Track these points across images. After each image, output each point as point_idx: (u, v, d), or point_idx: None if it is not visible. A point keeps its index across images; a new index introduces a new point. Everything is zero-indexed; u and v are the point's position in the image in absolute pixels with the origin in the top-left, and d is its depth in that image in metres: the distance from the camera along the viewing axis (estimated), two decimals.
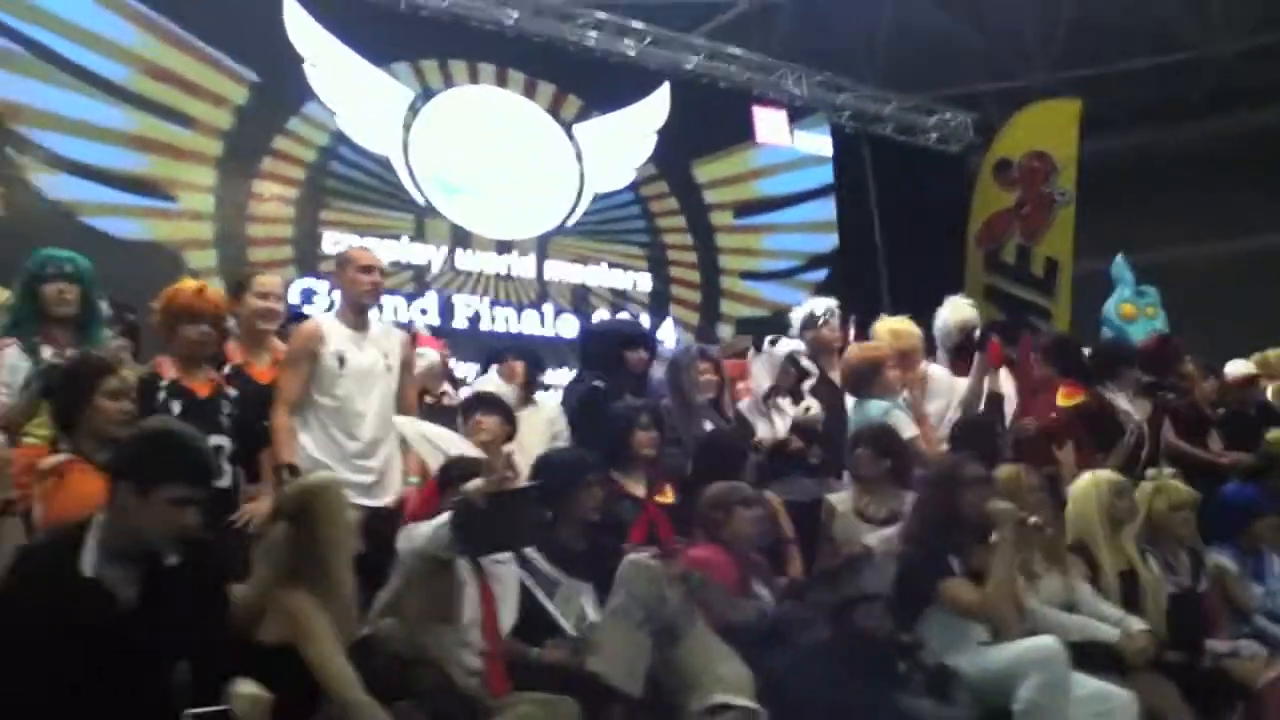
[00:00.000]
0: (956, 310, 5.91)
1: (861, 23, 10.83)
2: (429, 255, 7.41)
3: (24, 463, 3.03)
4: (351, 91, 7.33)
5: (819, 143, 9.64)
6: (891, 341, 5.30)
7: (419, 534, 3.19)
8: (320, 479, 3.17)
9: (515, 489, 3.06)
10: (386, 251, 7.21)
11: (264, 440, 3.77)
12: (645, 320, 8.02)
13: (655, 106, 8.65)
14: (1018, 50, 11.79)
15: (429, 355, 4.54)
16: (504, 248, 7.72)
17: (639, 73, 8.72)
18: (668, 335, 8.06)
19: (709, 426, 4.80)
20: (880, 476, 4.44)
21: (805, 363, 5.26)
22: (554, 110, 8.19)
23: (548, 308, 7.77)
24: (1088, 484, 4.40)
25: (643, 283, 8.33)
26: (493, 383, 4.18)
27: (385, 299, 7.00)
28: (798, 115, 9.53)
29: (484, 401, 4.02)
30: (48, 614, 2.41)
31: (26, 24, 6.27)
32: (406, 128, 7.51)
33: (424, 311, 7.14)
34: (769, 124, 9.32)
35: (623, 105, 8.49)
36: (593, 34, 8.52)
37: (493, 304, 7.54)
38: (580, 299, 7.93)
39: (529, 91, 8.12)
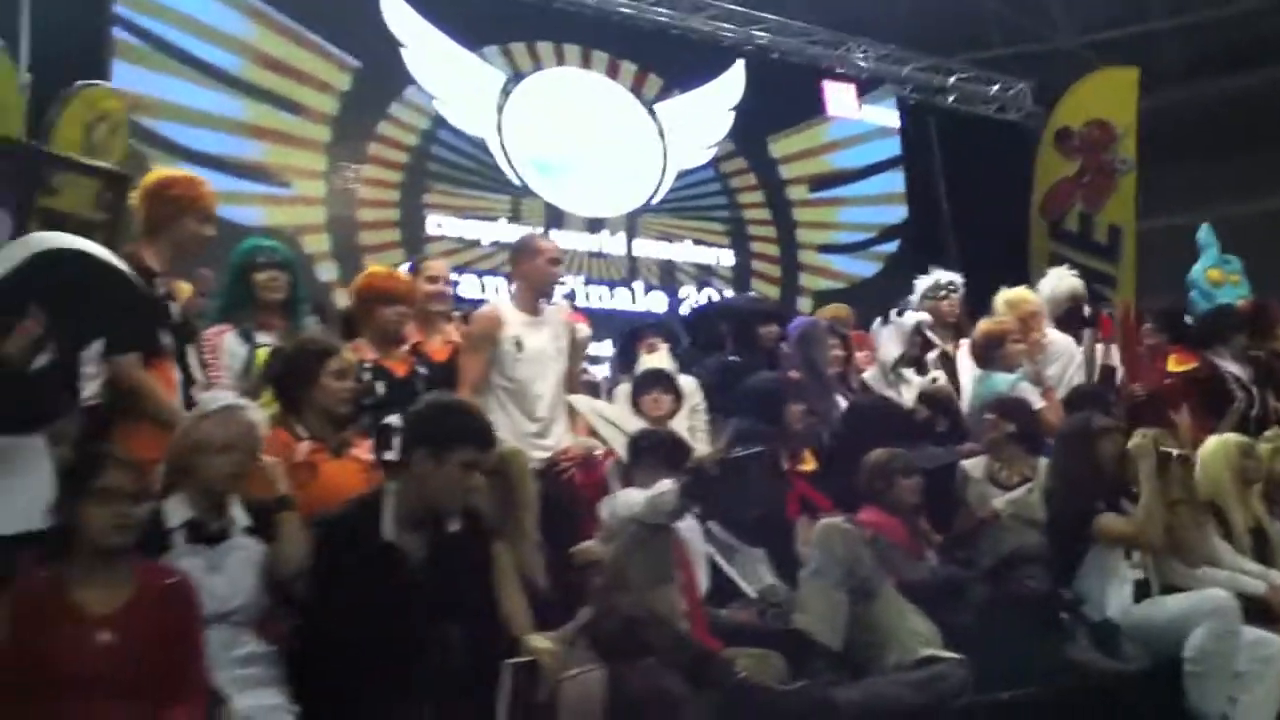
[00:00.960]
0: (1062, 280, 6.10)
1: None
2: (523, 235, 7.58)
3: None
4: (447, 75, 7.49)
5: (886, 115, 9.77)
6: (1010, 312, 5.49)
7: (636, 501, 3.40)
8: (513, 448, 3.39)
9: (745, 454, 3.26)
10: (486, 232, 7.46)
11: None
12: (729, 295, 8.20)
13: (731, 83, 8.80)
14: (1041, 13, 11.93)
15: (581, 330, 4.72)
16: (595, 226, 7.90)
17: (714, 50, 8.86)
18: None
19: (839, 398, 5.01)
20: (1012, 443, 4.63)
21: (930, 334, 5.45)
22: (636, 89, 8.35)
23: (637, 285, 7.96)
24: (1216, 446, 4.60)
25: (725, 258, 8.50)
26: (663, 360, 4.36)
27: (487, 280, 7.24)
28: (865, 88, 9.66)
29: (659, 378, 4.20)
30: (356, 577, 2.63)
31: (147, 18, 6.45)
32: (499, 110, 7.68)
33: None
34: (838, 97, 9.46)
35: (700, 83, 8.63)
36: (667, 12, 8.64)
37: (586, 281, 7.73)
38: (667, 275, 8.11)
39: (612, 71, 8.28)
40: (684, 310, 7.68)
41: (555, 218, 7.74)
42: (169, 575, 2.58)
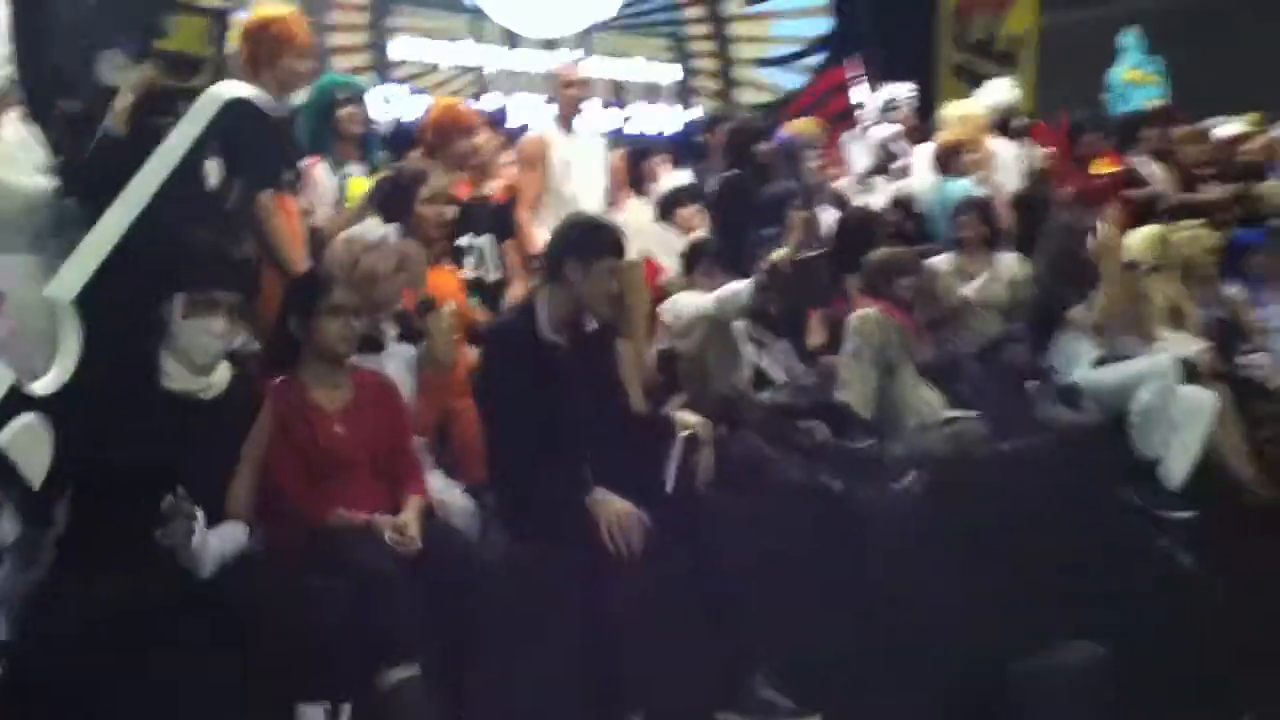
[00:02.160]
0: (1003, 91, 6.75)
1: None
2: (486, 56, 7.79)
3: None
4: None
5: None
6: (962, 125, 6.13)
7: (703, 301, 3.98)
8: (631, 259, 3.89)
9: (812, 255, 3.86)
10: (448, 54, 7.64)
11: None
12: (675, 110, 8.62)
13: None
14: None
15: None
16: (551, 46, 8.12)
17: None
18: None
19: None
20: (980, 240, 5.35)
21: (894, 146, 6.07)
22: None
23: (594, 103, 8.26)
24: (1139, 237, 5.42)
25: (670, 74, 8.85)
26: (685, 176, 4.87)
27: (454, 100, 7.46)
28: None
29: (690, 193, 4.73)
30: (523, 369, 3.17)
31: None
32: None
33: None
34: None
35: None
36: None
37: (547, 101, 8.00)
38: (618, 92, 8.45)
39: None
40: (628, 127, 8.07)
41: (513, 38, 7.94)
42: (376, 376, 3.08)
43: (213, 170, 2.78)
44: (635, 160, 5.54)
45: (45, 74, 3.72)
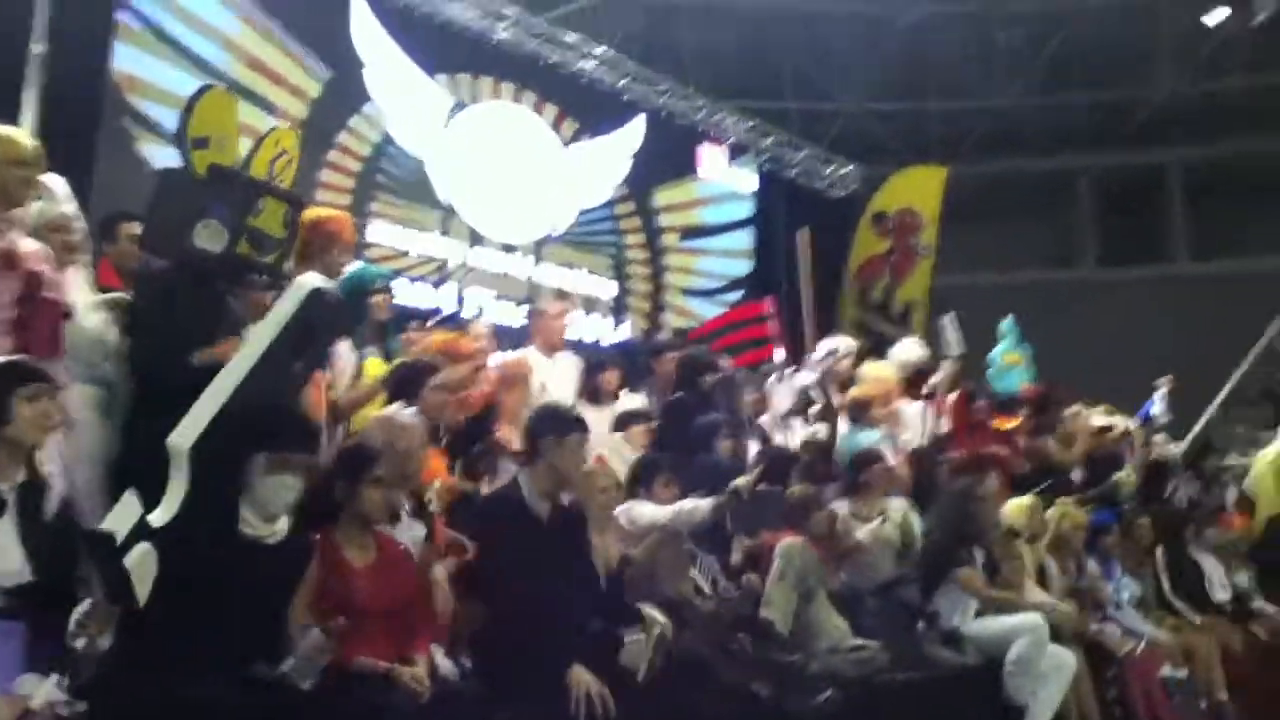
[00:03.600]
0: (913, 350, 7.64)
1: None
2: (450, 250, 8.47)
3: None
4: (400, 97, 8.27)
5: (746, 180, 11.24)
6: (875, 385, 6.94)
7: (659, 513, 4.51)
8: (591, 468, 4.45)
9: (771, 490, 4.46)
10: (417, 244, 8.29)
11: None
12: (609, 323, 9.40)
13: (632, 134, 9.99)
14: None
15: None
16: (508, 249, 8.87)
17: (621, 103, 10.00)
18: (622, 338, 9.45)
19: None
20: (878, 487, 6.05)
21: (813, 393, 6.83)
22: (555, 127, 9.38)
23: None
24: (1015, 506, 6.22)
25: (609, 290, 9.67)
26: (638, 400, 5.51)
27: (412, 286, 8.07)
28: (733, 153, 11.08)
29: (639, 415, 5.37)
30: (514, 537, 3.63)
31: (150, 5, 6.92)
32: (440, 132, 8.51)
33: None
34: (711, 159, 10.83)
35: (607, 130, 9.76)
36: (586, 64, 9.72)
37: (496, 297, 8.68)
38: (561, 300, 9.16)
39: (538, 110, 9.28)
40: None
41: (476, 237, 8.66)
42: (396, 542, 3.51)
43: (293, 346, 3.25)
44: (590, 372, 6.13)
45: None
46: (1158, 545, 6.67)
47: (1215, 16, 8.19)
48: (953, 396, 7.33)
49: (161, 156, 6.86)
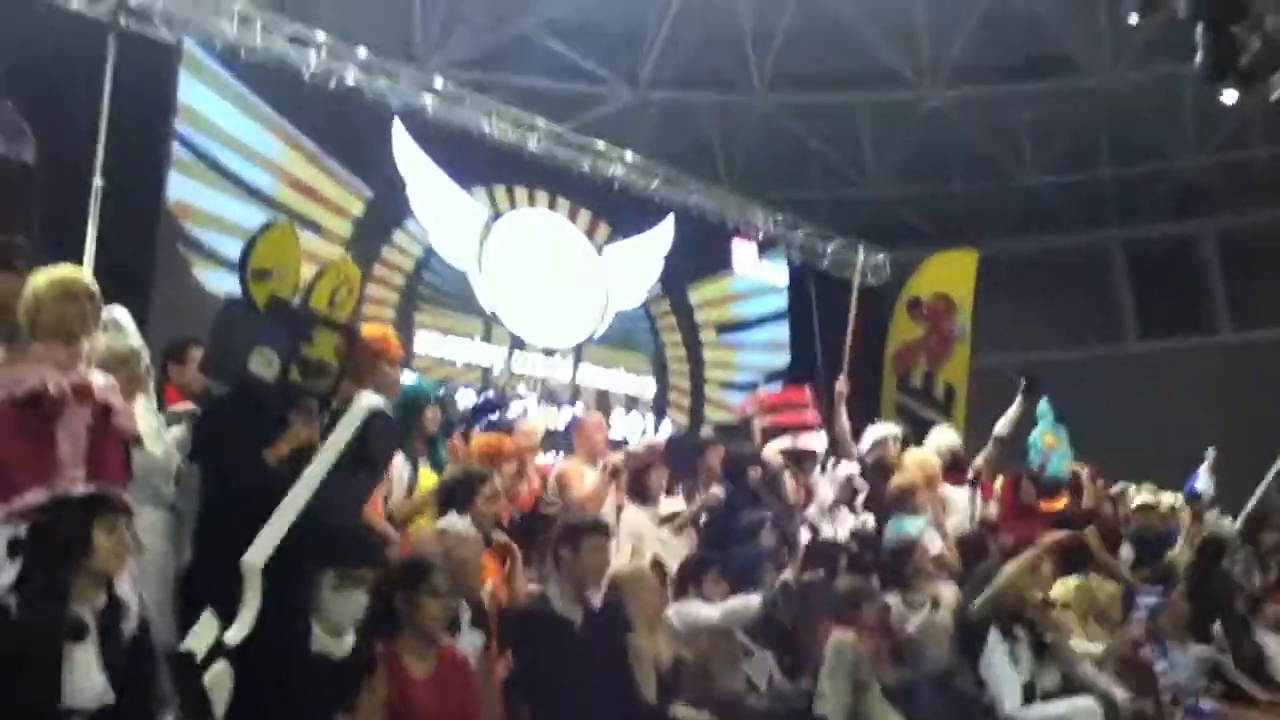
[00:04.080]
0: (945, 436, 7.69)
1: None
2: (493, 356, 8.68)
3: None
4: (440, 211, 8.58)
5: (778, 273, 11.43)
6: (917, 471, 6.99)
7: (709, 612, 4.58)
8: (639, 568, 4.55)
9: (815, 578, 4.52)
10: (461, 351, 8.50)
11: None
12: (649, 420, 9.52)
13: (663, 234, 10.23)
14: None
15: None
16: (549, 353, 9.07)
17: (651, 205, 10.27)
18: (664, 434, 9.54)
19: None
20: (924, 574, 6.05)
21: (858, 482, 6.87)
22: (590, 233, 9.65)
23: (579, 406, 9.12)
24: (1067, 585, 6.21)
25: (649, 387, 9.81)
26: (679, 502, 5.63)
27: (460, 392, 8.25)
28: (763, 248, 11.29)
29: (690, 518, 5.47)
30: (544, 641, 3.72)
31: (202, 136, 7.29)
32: (480, 243, 8.79)
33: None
34: (743, 254, 11.04)
35: (638, 232, 10.02)
36: (617, 168, 10.01)
37: (538, 401, 8.84)
38: (603, 400, 9.33)
39: (572, 216, 9.57)
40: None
41: (518, 343, 8.87)
42: (457, 653, 3.60)
43: (356, 465, 3.40)
44: (638, 472, 6.23)
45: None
46: (1214, 623, 6.58)
47: (1230, 96, 8.34)
48: (1000, 480, 7.36)
49: (214, 279, 7.14)
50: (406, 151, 8.43)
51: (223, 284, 7.12)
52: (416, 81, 8.72)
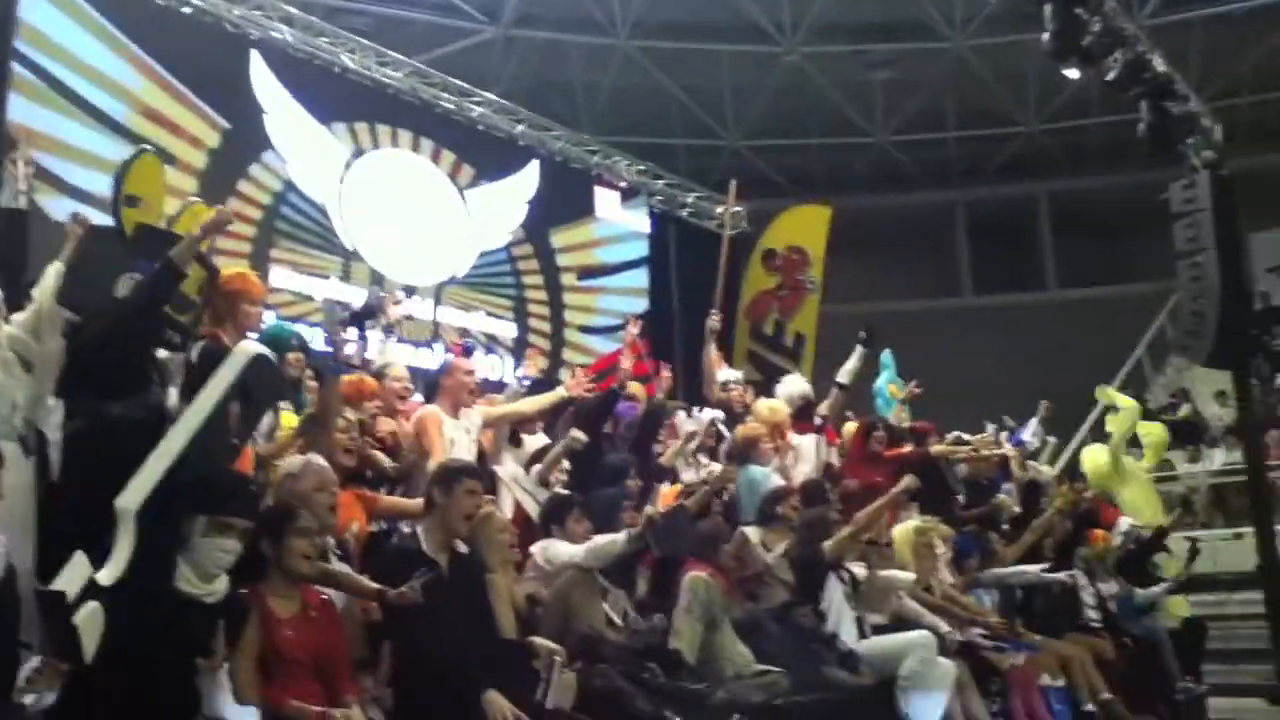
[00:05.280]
0: (798, 384, 8.01)
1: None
2: (352, 295, 8.56)
3: None
4: (300, 144, 8.38)
5: (639, 220, 11.58)
6: (768, 418, 7.28)
7: (574, 550, 4.73)
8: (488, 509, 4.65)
9: (676, 507, 4.73)
10: (319, 289, 8.38)
11: None
12: (509, 363, 9.59)
13: (527, 179, 10.24)
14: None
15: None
16: (409, 292, 9.01)
17: (516, 149, 10.26)
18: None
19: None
20: (789, 522, 6.36)
21: (722, 428, 7.11)
22: (453, 175, 9.58)
23: (438, 346, 9.14)
24: (905, 527, 6.63)
25: (509, 330, 9.87)
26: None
27: (316, 330, 8.14)
28: (626, 196, 11.42)
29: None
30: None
31: (46, 58, 6.92)
32: (340, 180, 8.64)
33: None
34: (606, 201, 11.15)
35: (503, 176, 10.00)
36: (481, 111, 9.96)
37: (398, 340, 8.79)
38: (465, 342, 9.34)
39: (435, 157, 9.47)
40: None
41: (377, 281, 8.78)
42: (321, 594, 3.66)
43: (234, 411, 3.41)
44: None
45: None
46: (1032, 563, 7.12)
47: (1073, 70, 8.82)
48: (851, 428, 7.72)
49: (55, 206, 6.84)
50: (265, 83, 8.20)
51: (62, 210, 6.87)
52: (275, 12, 8.46)
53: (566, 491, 5.29)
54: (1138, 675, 6.84)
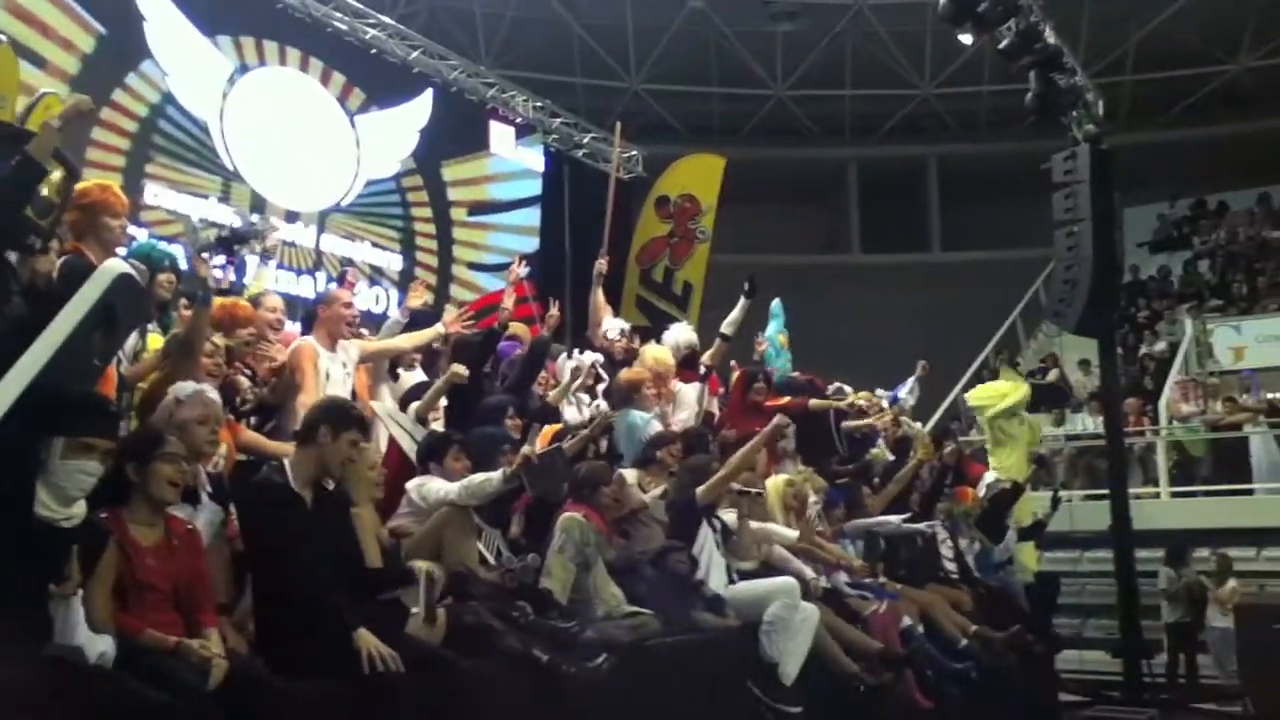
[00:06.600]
0: (684, 333, 8.07)
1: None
2: (231, 217, 8.26)
3: None
4: (182, 56, 7.99)
5: (534, 158, 11.43)
6: (652, 365, 7.32)
7: (449, 487, 4.70)
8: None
9: (553, 448, 4.72)
10: (196, 209, 8.07)
11: None
12: (393, 295, 9.42)
13: (420, 108, 9.99)
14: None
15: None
16: (291, 217, 8.74)
17: (410, 76, 9.98)
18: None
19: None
20: (669, 466, 6.43)
21: (601, 370, 7.13)
22: (342, 99, 9.28)
23: (320, 275, 8.91)
24: (776, 479, 6.78)
25: (394, 262, 9.68)
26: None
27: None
28: (521, 132, 11.25)
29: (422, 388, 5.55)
30: (276, 515, 3.75)
31: None
32: (224, 96, 8.29)
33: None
34: (500, 137, 10.96)
35: (395, 103, 9.73)
36: (376, 34, 9.65)
37: (278, 267, 8.55)
38: (345, 270, 9.13)
39: (325, 79, 9.15)
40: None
41: (259, 204, 8.50)
42: (185, 523, 3.57)
43: (97, 331, 3.26)
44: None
45: None
46: (900, 514, 7.35)
47: (967, 36, 8.98)
48: (734, 376, 7.82)
49: None
50: None
51: None
52: None
53: (441, 430, 5.24)
54: (993, 624, 7.15)
